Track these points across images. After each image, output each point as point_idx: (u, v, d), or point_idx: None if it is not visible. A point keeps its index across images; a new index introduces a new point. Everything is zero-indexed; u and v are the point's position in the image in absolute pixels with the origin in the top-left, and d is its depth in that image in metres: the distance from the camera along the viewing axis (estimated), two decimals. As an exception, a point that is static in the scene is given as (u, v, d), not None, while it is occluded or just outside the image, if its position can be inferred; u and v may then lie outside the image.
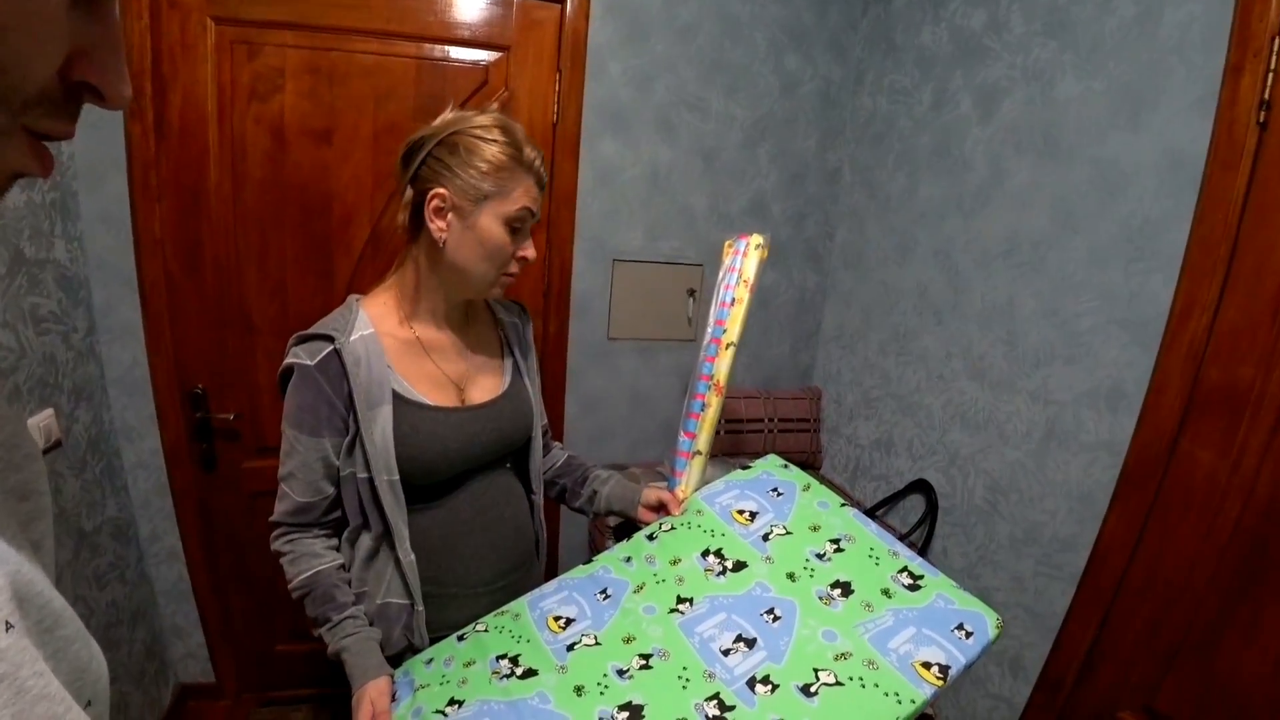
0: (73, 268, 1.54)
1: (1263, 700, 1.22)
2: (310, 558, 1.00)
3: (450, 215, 0.95)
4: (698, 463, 1.17)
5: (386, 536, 1.00)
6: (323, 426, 0.97)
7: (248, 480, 1.84)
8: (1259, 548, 1.23)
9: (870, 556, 0.97)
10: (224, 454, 1.80)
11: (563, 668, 0.86)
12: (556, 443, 1.37)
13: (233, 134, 1.60)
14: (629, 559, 1.04)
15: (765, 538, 1.01)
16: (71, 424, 1.53)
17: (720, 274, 1.23)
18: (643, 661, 0.85)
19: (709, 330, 1.19)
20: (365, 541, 1.01)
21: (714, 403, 1.15)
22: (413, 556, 1.00)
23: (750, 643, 0.85)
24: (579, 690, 0.82)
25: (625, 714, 0.78)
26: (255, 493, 1.84)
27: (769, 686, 0.80)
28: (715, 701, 0.79)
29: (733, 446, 2.05)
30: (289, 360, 0.97)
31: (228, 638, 1.96)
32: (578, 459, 1.32)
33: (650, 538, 1.08)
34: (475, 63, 1.73)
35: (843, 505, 1.07)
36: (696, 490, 1.17)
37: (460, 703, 0.83)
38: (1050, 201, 1.50)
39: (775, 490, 1.10)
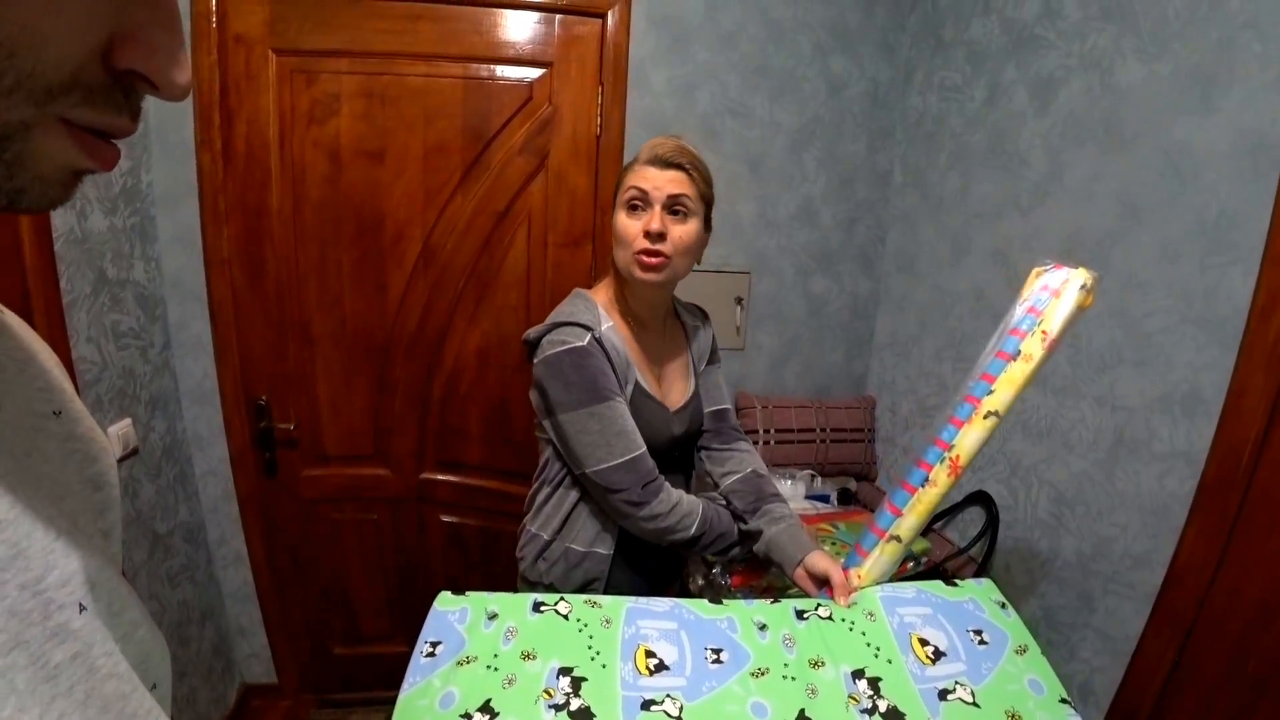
0: (150, 287, 1.65)
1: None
2: (685, 500, 1.09)
3: (611, 220, 1.13)
4: (891, 551, 0.94)
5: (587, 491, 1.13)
6: (615, 389, 1.05)
7: (305, 487, 1.92)
8: (1361, 567, 1.11)
9: None
10: (284, 462, 1.88)
11: None
12: (744, 443, 1.34)
13: (292, 157, 1.69)
14: (764, 627, 0.87)
15: (942, 694, 0.77)
16: (148, 433, 1.63)
17: (1012, 309, 0.93)
18: None
19: (968, 383, 0.94)
20: (568, 492, 1.15)
21: (941, 482, 0.90)
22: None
23: None
24: None
25: None
26: (313, 500, 1.92)
27: None
28: None
29: (783, 458, 2.01)
30: (560, 348, 1.03)
31: (288, 639, 2.04)
32: (762, 480, 1.25)
33: (800, 615, 0.89)
34: (520, 80, 1.77)
35: (1063, 701, 0.78)
36: (877, 583, 0.95)
37: (494, 714, 0.70)
38: (1114, 194, 1.41)
39: (979, 634, 0.85)
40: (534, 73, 1.78)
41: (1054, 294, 0.87)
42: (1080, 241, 1.48)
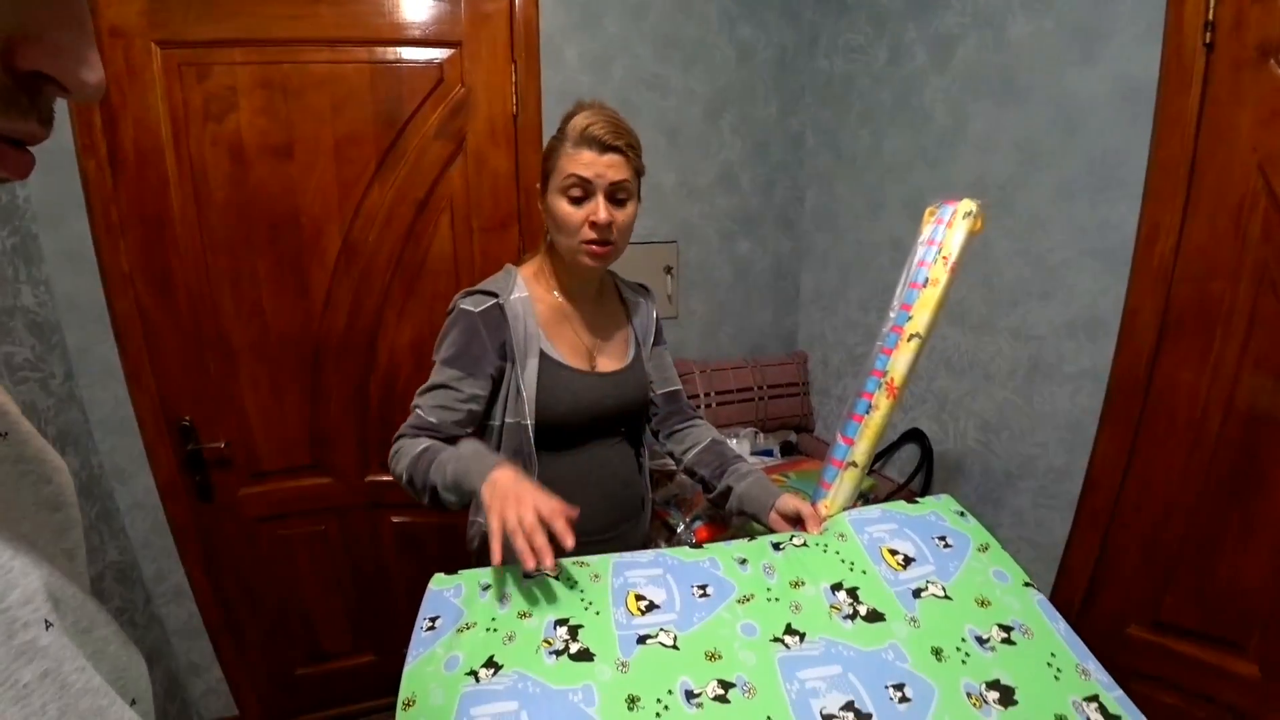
0: (42, 312, 1.50)
1: (1262, 600, 1.28)
2: (412, 445, 1.05)
3: (540, 199, 1.12)
4: (851, 476, 1.00)
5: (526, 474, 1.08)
6: (470, 367, 1.07)
7: (245, 507, 1.81)
8: (1245, 456, 1.28)
9: (1050, 665, 0.73)
10: (219, 484, 1.77)
11: (624, 664, 0.72)
12: (699, 419, 1.36)
13: (190, 158, 1.56)
14: (744, 561, 0.90)
15: (916, 593, 0.81)
16: (61, 470, 1.50)
17: (915, 247, 1.03)
18: (720, 690, 0.70)
19: (891, 316, 1.00)
20: None
21: (883, 405, 0.97)
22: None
23: (864, 718, 0.67)
24: (632, 702, 0.68)
25: None
26: (255, 518, 1.83)
27: None
28: None
29: (725, 418, 2.07)
30: (456, 307, 1.10)
31: (246, 668, 1.94)
32: (721, 446, 1.29)
33: (776, 547, 0.93)
34: (429, 61, 1.70)
35: (1027, 584, 0.84)
36: (844, 509, 1.00)
37: (498, 667, 0.72)
38: (1013, 143, 1.53)
39: (943, 540, 0.89)
40: (443, 53, 1.71)
41: (947, 225, 0.99)
42: (985, 188, 1.60)
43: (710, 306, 2.16)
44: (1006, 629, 0.77)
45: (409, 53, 1.68)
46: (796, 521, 1.03)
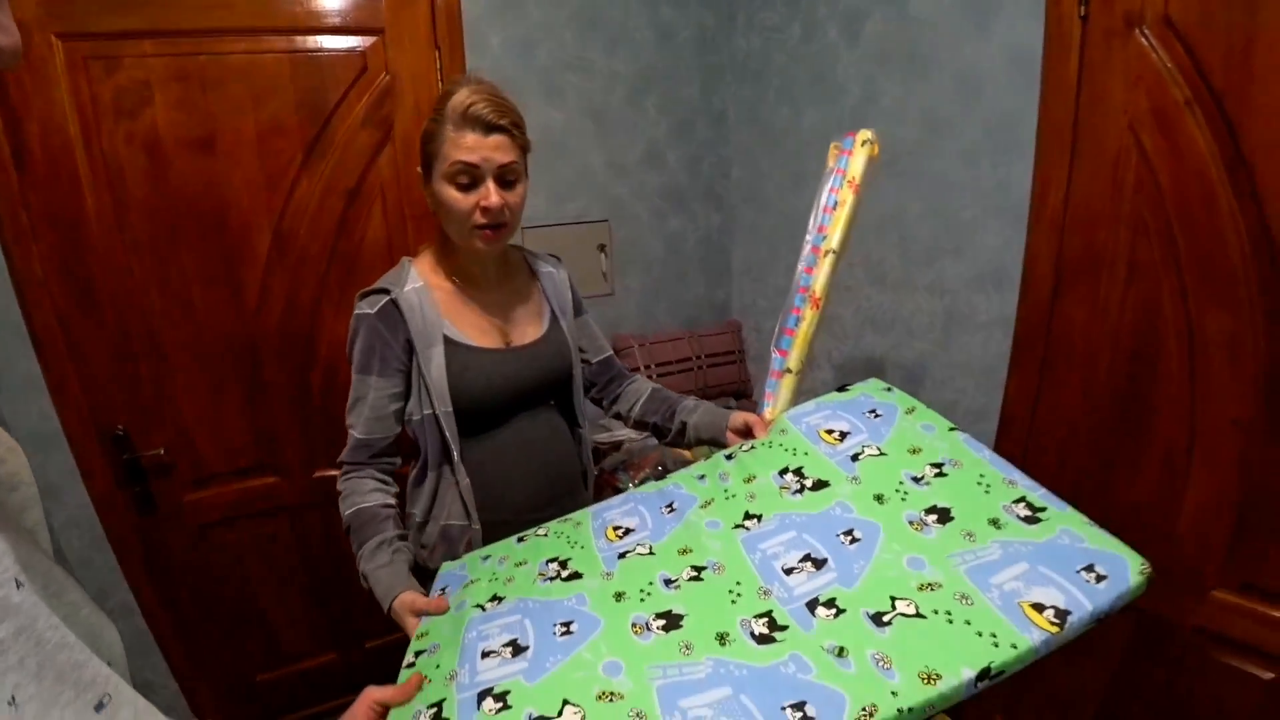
0: (-49, 326, 1.42)
1: (1154, 513, 1.44)
2: (357, 495, 1.08)
3: (424, 188, 1.09)
4: (788, 382, 1.09)
5: (447, 464, 1.13)
6: (383, 367, 1.07)
7: (191, 514, 1.77)
8: (1131, 387, 1.44)
9: (979, 484, 0.81)
10: (162, 492, 1.72)
11: (609, 574, 0.82)
12: (637, 375, 1.41)
13: (104, 156, 1.50)
14: (703, 476, 0.98)
15: (854, 458, 0.89)
16: (-13, 490, 1.43)
17: (824, 178, 1.13)
18: (694, 573, 0.78)
19: (808, 239, 1.10)
20: (430, 474, 1.14)
21: (809, 316, 1.08)
22: (468, 480, 1.12)
23: (819, 563, 0.74)
24: (619, 595, 0.77)
25: (661, 622, 0.72)
26: (203, 525, 1.78)
27: (832, 610, 0.70)
28: (765, 619, 0.70)
29: (667, 388, 2.15)
30: (355, 313, 1.09)
31: (204, 680, 1.90)
32: (662, 392, 1.33)
33: (729, 457, 1.01)
34: (351, 50, 1.68)
35: (952, 429, 0.92)
36: (787, 409, 1.08)
37: (500, 599, 0.82)
38: (920, 112, 1.65)
39: (873, 412, 0.98)
40: (365, 41, 1.70)
41: (848, 154, 1.11)
42: (898, 155, 1.71)
43: (645, 282, 2.23)
44: (938, 465, 0.85)
45: (329, 41, 1.66)
46: (748, 433, 1.11)
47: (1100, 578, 0.69)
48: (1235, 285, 1.28)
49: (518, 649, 0.71)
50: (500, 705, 0.64)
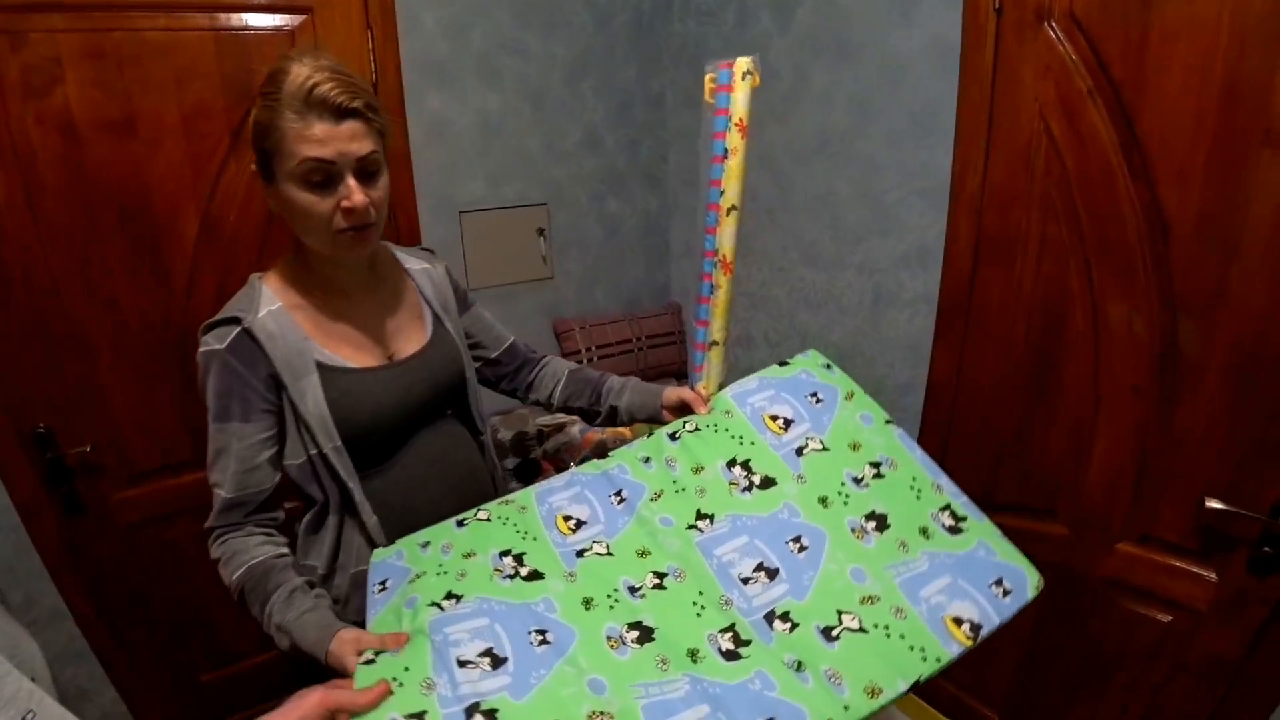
0: None
1: (1065, 473, 1.56)
2: (243, 554, 0.91)
3: (267, 189, 0.90)
4: (715, 354, 1.06)
5: (347, 506, 0.99)
6: (246, 411, 0.91)
7: (122, 513, 1.71)
8: (1043, 355, 1.55)
9: (912, 488, 0.88)
10: (89, 491, 1.65)
11: (571, 575, 0.80)
12: (546, 358, 1.31)
13: (12, 138, 1.42)
14: (648, 459, 0.96)
15: (799, 452, 0.92)
16: (-105, 494, 1.35)
17: (705, 119, 1.03)
18: (656, 580, 0.80)
19: (704, 195, 1.03)
20: (329, 520, 0.99)
21: (723, 283, 1.02)
22: (375, 518, 0.99)
23: (772, 573, 0.79)
24: (587, 603, 0.76)
25: (634, 634, 0.73)
26: (134, 524, 1.73)
27: (788, 624, 0.75)
28: (730, 634, 0.74)
29: (608, 370, 2.18)
30: (201, 350, 0.92)
31: (143, 684, 1.84)
32: (581, 373, 1.25)
33: (673, 437, 0.98)
34: (278, 28, 1.63)
35: (888, 422, 0.97)
36: (721, 385, 1.06)
37: (458, 597, 0.76)
38: (848, 97, 1.71)
39: (815, 395, 0.99)
40: (293, 20, 1.65)
41: (727, 89, 1.01)
42: (828, 139, 1.78)
43: (584, 265, 2.25)
44: (876, 465, 0.90)
45: (255, 19, 1.61)
46: (684, 409, 1.07)
47: (1006, 592, 0.79)
48: (1133, 262, 1.38)
49: (496, 660, 0.68)
50: None
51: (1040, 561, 0.87)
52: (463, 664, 0.67)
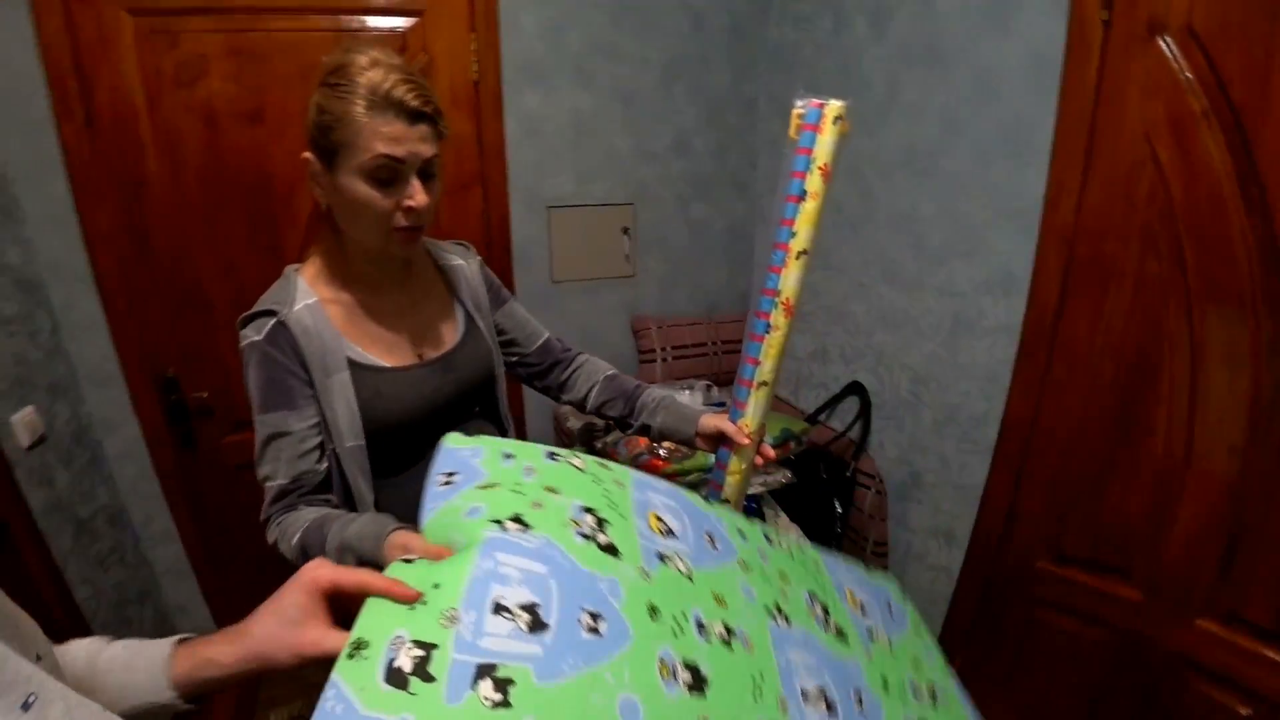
0: (26, 270, 1.60)
1: (1143, 530, 1.42)
2: (297, 522, 0.90)
3: (321, 179, 0.91)
4: (762, 394, 1.02)
5: (360, 505, 0.97)
6: (292, 399, 0.92)
7: (228, 455, 1.94)
8: (1130, 400, 1.41)
9: None
10: (202, 432, 1.89)
11: (646, 572, 0.70)
12: (580, 356, 1.27)
13: (165, 123, 1.65)
14: (742, 532, 0.89)
15: (870, 634, 0.90)
16: (53, 419, 1.61)
17: (788, 156, 1.00)
18: (725, 633, 0.71)
19: (775, 232, 1.00)
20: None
21: (782, 324, 0.99)
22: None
23: (831, 706, 0.74)
24: (653, 611, 0.66)
25: (688, 675, 0.64)
26: (238, 465, 1.95)
27: None
28: None
29: (681, 371, 2.20)
30: (241, 344, 0.93)
31: (231, 611, 2.08)
32: (617, 380, 1.22)
33: (767, 538, 0.93)
34: (392, 30, 1.78)
35: (948, 671, 0.97)
36: (762, 425, 1.04)
37: (527, 526, 0.65)
38: (938, 111, 1.63)
39: (889, 605, 0.99)
40: (406, 22, 1.79)
41: (815, 129, 0.96)
42: (914, 154, 1.70)
43: (667, 266, 2.27)
44: (932, 690, 0.89)
45: (372, 20, 1.76)
46: (720, 438, 1.04)
47: None
48: (1243, 306, 1.23)
49: (537, 622, 0.57)
50: (499, 697, 0.51)
51: (1111, 627, 0.83)
52: (499, 609, 0.56)
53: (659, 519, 0.78)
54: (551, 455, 0.79)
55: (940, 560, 1.83)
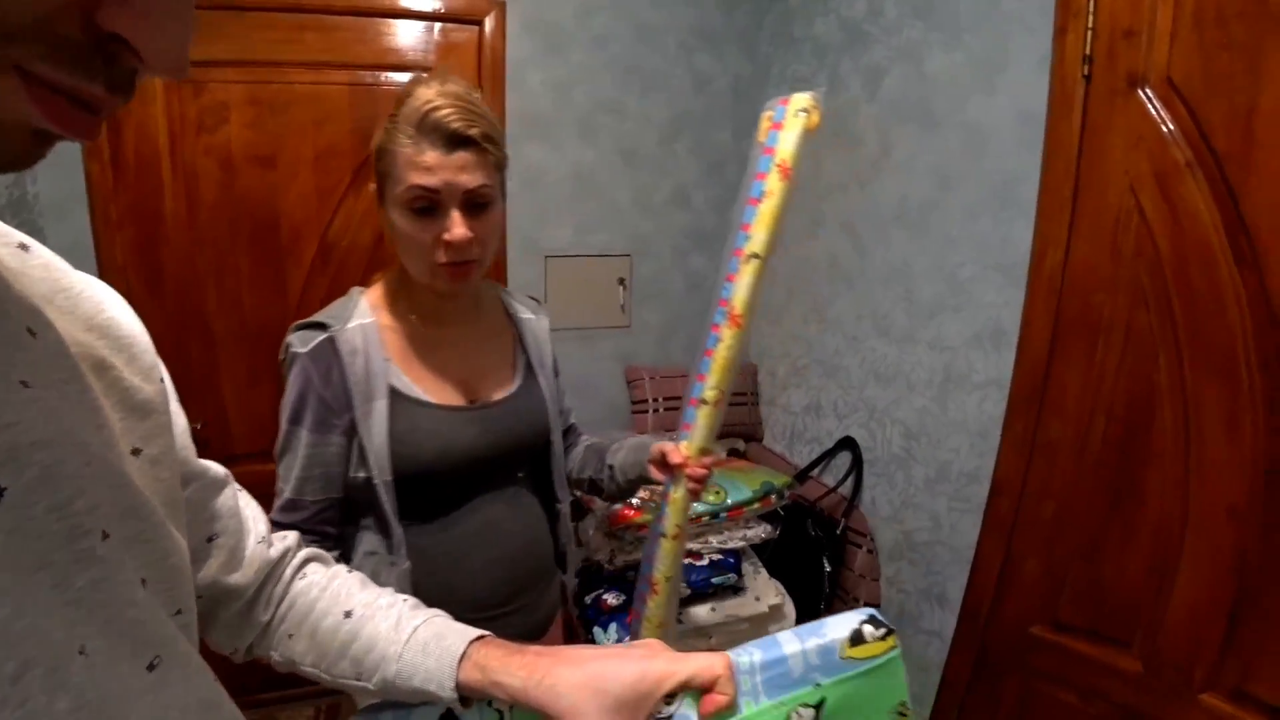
0: (43, 296, 1.67)
1: (1142, 600, 1.33)
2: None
3: (379, 209, 0.90)
4: (705, 414, 0.95)
5: (385, 539, 0.91)
6: (314, 422, 0.87)
7: (221, 486, 1.96)
8: (1123, 457, 1.35)
9: None
10: (196, 462, 1.92)
11: None
12: (584, 436, 1.22)
13: (184, 165, 1.75)
14: None
15: None
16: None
17: (751, 157, 0.94)
18: None
19: (731, 239, 0.93)
20: (363, 535, 0.93)
21: (727, 337, 0.91)
22: (409, 564, 0.90)
23: None
24: None
25: None
26: (229, 497, 1.96)
27: None
28: None
29: (674, 423, 2.15)
30: (286, 345, 0.90)
31: (203, 642, 2.06)
32: (595, 443, 1.17)
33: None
34: (402, 85, 1.88)
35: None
36: (704, 446, 0.95)
37: None
38: (929, 167, 1.65)
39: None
40: (418, 78, 1.89)
41: (779, 126, 0.90)
42: (906, 209, 1.71)
43: (663, 317, 2.29)
44: None
45: (386, 76, 1.87)
46: (663, 461, 0.99)
47: None
48: (1234, 359, 1.19)
49: None
50: None
51: (1112, 702, 0.66)
52: None
53: None
54: None
55: (933, 624, 1.74)
